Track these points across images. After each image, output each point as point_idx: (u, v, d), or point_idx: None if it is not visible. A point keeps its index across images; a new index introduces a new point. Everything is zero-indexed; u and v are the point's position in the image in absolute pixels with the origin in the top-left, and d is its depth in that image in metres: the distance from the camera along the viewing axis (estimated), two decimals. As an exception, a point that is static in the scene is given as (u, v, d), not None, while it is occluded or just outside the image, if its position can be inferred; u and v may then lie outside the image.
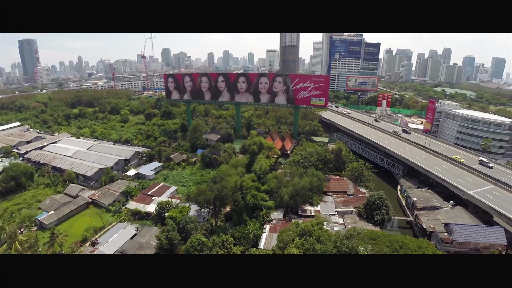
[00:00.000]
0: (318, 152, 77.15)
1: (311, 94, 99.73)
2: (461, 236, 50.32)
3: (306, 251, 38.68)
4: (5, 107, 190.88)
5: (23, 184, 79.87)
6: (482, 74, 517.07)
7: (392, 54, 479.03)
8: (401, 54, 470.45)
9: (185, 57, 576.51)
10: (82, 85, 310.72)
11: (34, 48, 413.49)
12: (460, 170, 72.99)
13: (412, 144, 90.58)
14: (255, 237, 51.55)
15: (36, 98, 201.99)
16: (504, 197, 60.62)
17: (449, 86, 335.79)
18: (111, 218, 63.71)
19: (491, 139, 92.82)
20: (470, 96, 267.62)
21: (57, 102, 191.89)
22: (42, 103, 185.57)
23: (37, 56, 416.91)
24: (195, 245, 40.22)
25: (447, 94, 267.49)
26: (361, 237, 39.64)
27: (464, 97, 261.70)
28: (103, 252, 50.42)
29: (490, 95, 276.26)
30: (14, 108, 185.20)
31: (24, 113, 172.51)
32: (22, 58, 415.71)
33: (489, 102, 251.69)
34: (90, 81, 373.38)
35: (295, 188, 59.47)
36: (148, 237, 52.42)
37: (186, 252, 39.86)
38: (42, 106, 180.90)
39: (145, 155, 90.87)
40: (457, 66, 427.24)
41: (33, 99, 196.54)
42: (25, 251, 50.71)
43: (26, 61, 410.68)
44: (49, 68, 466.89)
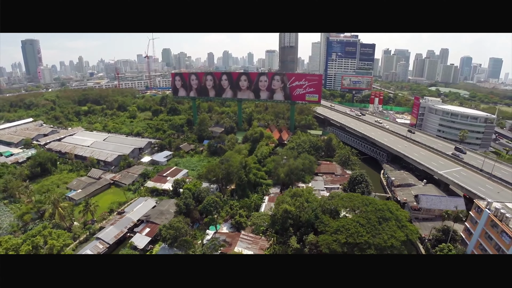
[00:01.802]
0: (311, 140, 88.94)
1: (306, 91, 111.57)
2: (427, 204, 61.90)
3: (296, 208, 50.20)
4: (14, 104, 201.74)
5: (49, 169, 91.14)
6: (479, 74, 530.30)
7: (390, 54, 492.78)
8: (399, 55, 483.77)
9: (185, 57, 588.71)
10: (86, 84, 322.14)
11: (37, 48, 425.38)
12: (435, 155, 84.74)
13: (396, 135, 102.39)
14: (256, 206, 63.08)
15: (45, 96, 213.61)
16: (469, 176, 72.40)
17: (445, 86, 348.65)
18: (132, 195, 75.07)
19: (467, 131, 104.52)
20: (463, 95, 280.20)
21: (65, 100, 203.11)
22: (50, 101, 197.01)
23: (40, 56, 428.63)
24: (210, 203, 51.37)
25: (441, 93, 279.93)
26: (340, 197, 51.11)
27: (457, 96, 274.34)
28: (130, 218, 61.82)
29: (483, 94, 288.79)
30: (23, 106, 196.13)
31: (34, 110, 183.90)
32: (24, 58, 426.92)
33: (481, 101, 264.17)
34: (92, 80, 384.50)
35: (290, 168, 70.98)
36: (167, 206, 63.77)
37: (202, 209, 50.87)
38: (51, 103, 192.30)
39: (157, 145, 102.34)
40: (454, 66, 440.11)
41: (42, 97, 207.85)
42: (65, 217, 62.03)
43: (29, 61, 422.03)
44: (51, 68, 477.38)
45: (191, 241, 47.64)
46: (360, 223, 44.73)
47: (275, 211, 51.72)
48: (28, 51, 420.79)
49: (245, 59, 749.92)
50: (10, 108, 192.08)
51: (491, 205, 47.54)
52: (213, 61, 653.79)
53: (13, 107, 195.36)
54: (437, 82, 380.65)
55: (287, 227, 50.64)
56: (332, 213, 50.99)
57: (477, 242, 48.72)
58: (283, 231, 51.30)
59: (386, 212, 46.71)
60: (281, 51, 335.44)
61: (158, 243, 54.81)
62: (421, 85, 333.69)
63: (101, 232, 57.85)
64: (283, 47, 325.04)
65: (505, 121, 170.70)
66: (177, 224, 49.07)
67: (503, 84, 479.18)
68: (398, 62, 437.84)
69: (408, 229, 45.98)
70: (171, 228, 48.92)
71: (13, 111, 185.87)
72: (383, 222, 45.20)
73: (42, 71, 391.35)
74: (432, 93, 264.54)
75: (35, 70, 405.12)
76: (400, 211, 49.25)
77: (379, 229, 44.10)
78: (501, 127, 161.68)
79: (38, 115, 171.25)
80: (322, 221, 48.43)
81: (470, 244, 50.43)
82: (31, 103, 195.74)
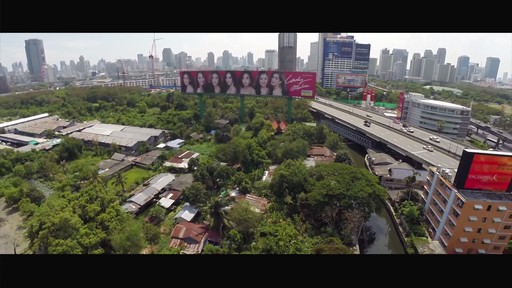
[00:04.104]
0: (305, 129, 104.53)
1: (301, 87, 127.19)
2: (397, 176, 77.33)
3: (290, 173, 65.46)
4: (26, 101, 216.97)
5: (75, 154, 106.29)
6: (476, 74, 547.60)
7: (388, 54, 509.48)
8: (397, 54, 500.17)
9: (186, 57, 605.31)
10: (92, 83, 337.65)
11: (41, 48, 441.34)
12: (411, 141, 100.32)
13: (380, 125, 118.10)
14: (258, 178, 78.34)
15: (55, 93, 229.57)
16: (437, 156, 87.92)
17: (440, 85, 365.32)
18: (152, 173, 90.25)
19: (445, 122, 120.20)
20: (456, 93, 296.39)
21: (74, 98, 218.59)
22: (61, 98, 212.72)
23: (43, 56, 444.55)
24: (222, 169, 66.51)
25: (435, 92, 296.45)
26: (324, 165, 66.46)
27: (450, 94, 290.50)
28: (155, 188, 76.97)
29: (476, 93, 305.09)
30: (35, 103, 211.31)
31: (46, 106, 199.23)
32: (28, 58, 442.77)
33: (473, 98, 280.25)
34: (95, 80, 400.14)
35: (286, 149, 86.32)
36: (185, 179, 78.92)
37: (216, 175, 65.95)
38: (62, 100, 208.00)
39: (170, 134, 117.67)
40: (450, 66, 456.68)
41: (53, 95, 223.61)
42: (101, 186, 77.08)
43: (33, 60, 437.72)
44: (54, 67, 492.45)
45: (211, 194, 62.91)
46: (338, 181, 60.12)
47: (274, 177, 67.09)
48: (32, 50, 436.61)
49: (245, 58, 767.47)
50: (22, 105, 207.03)
51: (441, 169, 62.93)
52: (213, 60, 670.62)
53: (24, 104, 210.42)
54: (433, 81, 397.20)
55: (283, 189, 65.97)
56: (318, 178, 66.32)
57: (432, 199, 64.06)
58: (280, 192, 66.61)
59: (358, 174, 62.21)
60: (280, 51, 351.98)
61: (180, 205, 69.98)
62: (416, 84, 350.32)
63: (132, 197, 72.96)
64: (282, 47, 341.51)
65: (489, 116, 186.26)
66: (197, 185, 64.34)
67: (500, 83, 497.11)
68: (395, 62, 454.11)
69: (376, 187, 61.31)
70: (192, 189, 64.20)
71: (24, 108, 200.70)
72: (355, 181, 60.63)
73: (46, 71, 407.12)
74: (425, 92, 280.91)
75: (38, 70, 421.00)
76: (370, 176, 64.69)
77: (352, 185, 59.50)
78: (484, 121, 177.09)
79: (51, 111, 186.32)
80: (310, 182, 63.81)
81: (427, 201, 65.82)
82: (43, 100, 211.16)
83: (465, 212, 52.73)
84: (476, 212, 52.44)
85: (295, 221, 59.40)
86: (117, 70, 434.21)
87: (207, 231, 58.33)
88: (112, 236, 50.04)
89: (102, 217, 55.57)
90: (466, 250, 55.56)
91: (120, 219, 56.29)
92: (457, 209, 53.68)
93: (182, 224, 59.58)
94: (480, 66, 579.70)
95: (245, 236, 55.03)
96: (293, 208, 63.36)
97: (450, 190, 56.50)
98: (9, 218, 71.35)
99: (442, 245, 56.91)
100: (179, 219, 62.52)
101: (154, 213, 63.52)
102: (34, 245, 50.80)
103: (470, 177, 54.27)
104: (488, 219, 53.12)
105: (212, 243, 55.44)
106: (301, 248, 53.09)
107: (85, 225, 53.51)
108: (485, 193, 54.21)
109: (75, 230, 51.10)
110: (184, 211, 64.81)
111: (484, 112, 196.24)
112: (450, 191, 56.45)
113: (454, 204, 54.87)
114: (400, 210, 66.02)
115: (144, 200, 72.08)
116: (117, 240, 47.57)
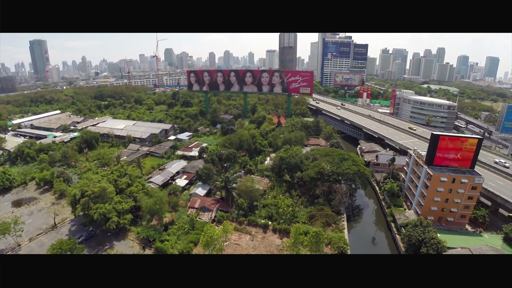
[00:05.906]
0: (302, 122, 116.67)
1: (300, 85, 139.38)
2: (382, 160, 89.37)
3: (288, 156, 77.51)
4: (35, 100, 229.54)
5: (93, 145, 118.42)
6: (475, 73, 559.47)
7: (388, 53, 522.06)
8: (396, 54, 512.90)
9: (187, 57, 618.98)
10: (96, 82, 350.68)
11: (45, 48, 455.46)
12: (399, 132, 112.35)
13: (372, 119, 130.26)
14: (261, 163, 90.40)
15: (64, 92, 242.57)
16: (420, 144, 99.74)
17: (439, 84, 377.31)
18: (166, 160, 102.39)
19: (432, 116, 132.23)
20: (452, 92, 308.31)
21: (82, 96, 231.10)
22: (70, 96, 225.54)
23: (47, 56, 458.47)
24: (230, 153, 78.74)
25: (432, 90, 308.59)
26: (317, 149, 78.58)
27: (447, 92, 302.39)
28: (170, 171, 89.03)
29: (472, 91, 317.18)
30: (44, 101, 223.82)
31: (56, 104, 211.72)
32: (32, 58, 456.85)
33: (468, 97, 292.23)
34: (99, 79, 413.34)
35: (285, 139, 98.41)
36: (197, 163, 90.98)
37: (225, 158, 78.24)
38: (71, 99, 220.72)
39: (179, 128, 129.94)
40: (449, 65, 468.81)
41: (61, 94, 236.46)
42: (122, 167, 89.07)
43: (37, 61, 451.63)
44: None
45: (222, 171, 75.03)
46: (328, 161, 72.22)
47: (274, 160, 79.22)
48: (36, 51, 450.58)
49: (246, 58, 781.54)
50: (31, 103, 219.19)
51: (417, 151, 74.88)
52: (214, 60, 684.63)
53: (33, 102, 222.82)
54: (431, 80, 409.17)
55: (282, 169, 78.04)
56: (312, 160, 78.41)
57: (409, 178, 75.95)
58: (280, 172, 78.67)
59: (346, 155, 74.49)
60: (281, 51, 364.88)
61: (193, 184, 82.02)
62: (415, 83, 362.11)
63: (151, 179, 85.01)
64: (283, 47, 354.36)
65: (480, 113, 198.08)
66: (209, 166, 76.51)
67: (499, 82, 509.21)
68: (394, 61, 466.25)
69: (361, 167, 73.34)
70: (205, 169, 76.34)
71: (34, 106, 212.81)
72: (343, 161, 72.71)
73: (50, 71, 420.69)
74: (423, 90, 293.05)
75: (42, 70, 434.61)
76: (357, 158, 76.77)
77: (340, 164, 71.61)
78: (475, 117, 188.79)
79: (62, 109, 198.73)
80: (305, 164, 75.90)
81: (406, 180, 77.70)
82: (52, 98, 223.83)
83: (433, 184, 64.51)
84: (443, 184, 64.19)
85: (292, 195, 71.41)
86: (119, 70, 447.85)
87: (218, 203, 70.39)
88: (142, 202, 62.10)
89: (131, 189, 67.69)
90: (437, 218, 67.27)
91: (146, 192, 68.36)
92: (427, 182, 65.57)
93: (197, 198, 71.68)
94: (479, 66, 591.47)
95: (250, 208, 66.97)
96: (291, 186, 75.47)
97: (422, 167, 68.42)
98: (42, 197, 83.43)
99: (416, 213, 68.76)
100: (193, 194, 74.60)
101: (172, 190, 75.58)
102: (77, 209, 62.70)
103: (438, 155, 66.14)
104: (453, 190, 64.82)
105: (223, 212, 67.47)
106: (297, 215, 64.98)
107: (118, 196, 65.62)
108: (451, 169, 66.00)
109: (110, 199, 63.11)
110: (197, 188, 76.90)
111: (476, 109, 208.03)
112: (422, 167, 68.37)
113: (425, 178, 66.77)
114: (383, 187, 77.98)
115: (162, 181, 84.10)
116: (147, 203, 59.61)
